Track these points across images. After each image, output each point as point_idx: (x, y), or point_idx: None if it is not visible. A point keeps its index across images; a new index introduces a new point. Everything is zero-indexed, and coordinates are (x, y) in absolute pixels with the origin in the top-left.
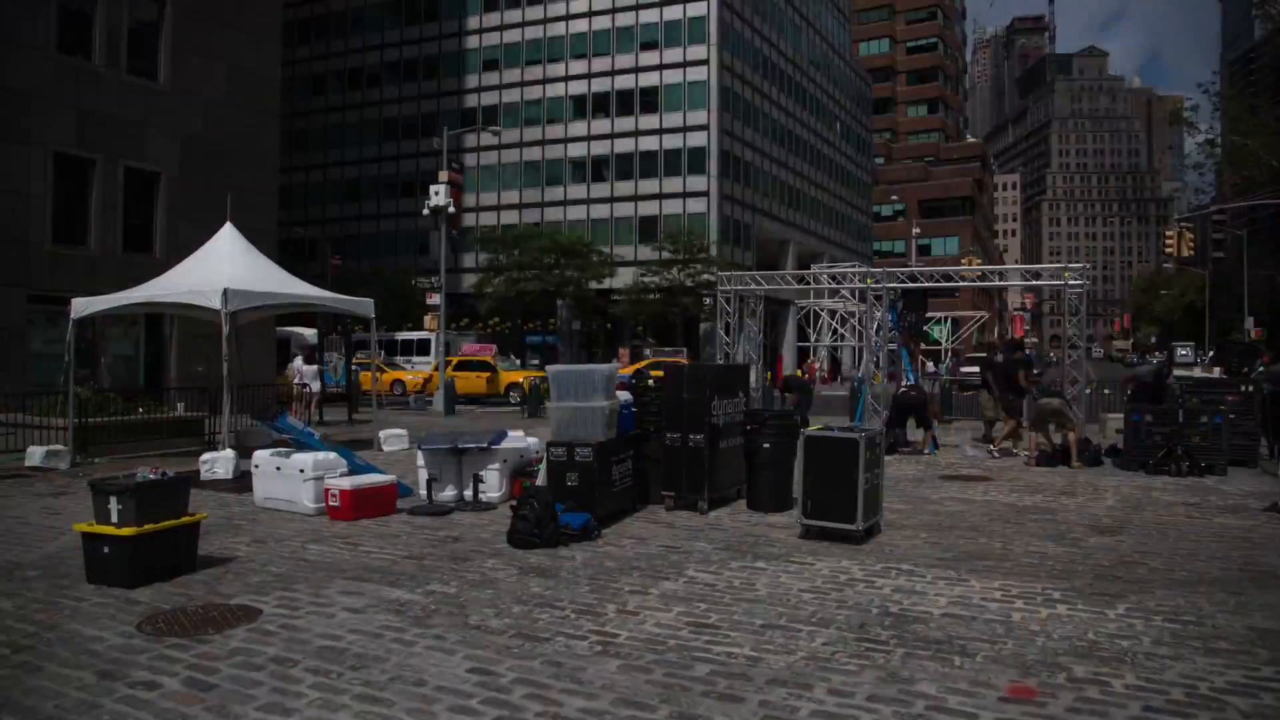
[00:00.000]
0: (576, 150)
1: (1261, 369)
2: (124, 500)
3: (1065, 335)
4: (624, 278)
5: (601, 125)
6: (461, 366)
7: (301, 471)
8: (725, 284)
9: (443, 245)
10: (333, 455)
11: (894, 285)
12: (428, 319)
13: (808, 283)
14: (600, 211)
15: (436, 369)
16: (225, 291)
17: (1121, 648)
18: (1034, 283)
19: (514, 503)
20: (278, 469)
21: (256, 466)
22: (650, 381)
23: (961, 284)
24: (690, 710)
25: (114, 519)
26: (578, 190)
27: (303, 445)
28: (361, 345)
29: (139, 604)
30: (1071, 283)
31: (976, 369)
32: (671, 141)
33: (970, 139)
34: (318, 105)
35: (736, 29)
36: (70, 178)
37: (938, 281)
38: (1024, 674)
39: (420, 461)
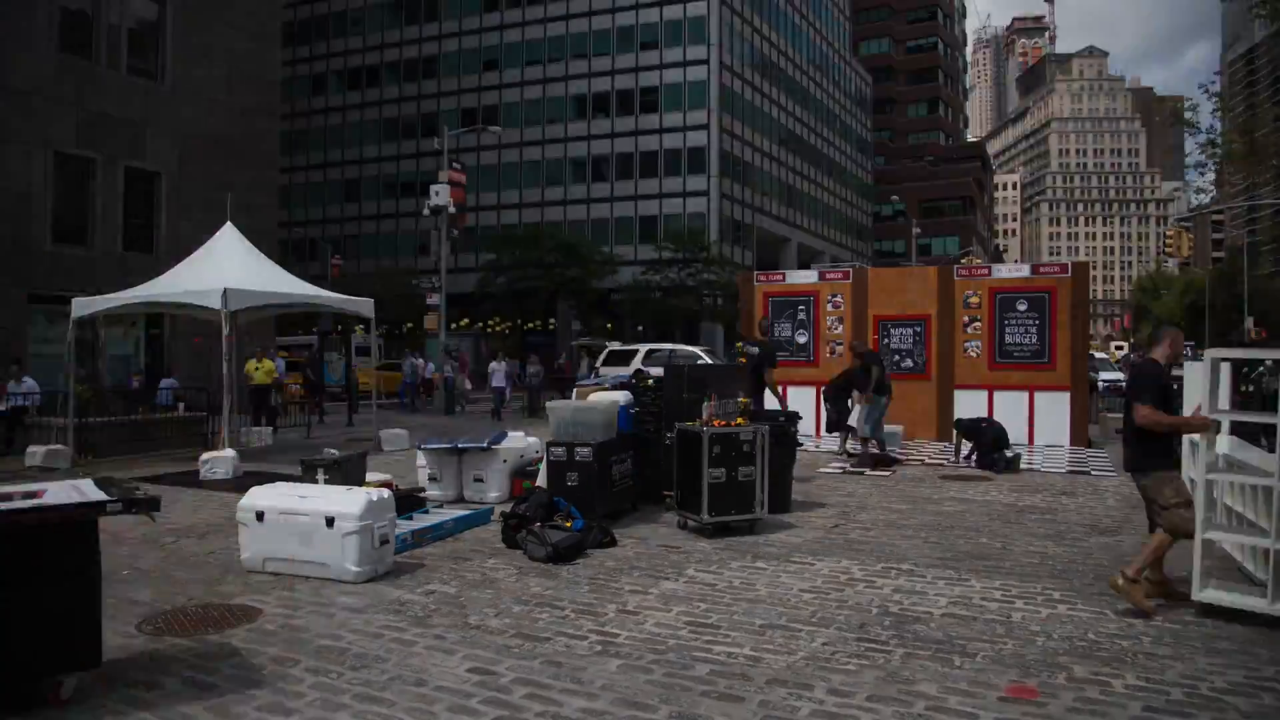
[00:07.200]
0: (576, 150)
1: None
2: (329, 471)
3: None
4: (625, 277)
5: (601, 125)
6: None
7: None
8: None
9: (443, 245)
10: None
11: None
12: (428, 319)
13: None
14: (600, 211)
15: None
16: (225, 291)
17: (1121, 648)
18: None
19: (508, 506)
20: None
21: None
22: (650, 381)
23: None
24: (690, 710)
25: None
26: (578, 190)
27: None
28: (362, 350)
29: (139, 604)
30: None
31: None
32: (671, 141)
33: (970, 139)
34: (318, 105)
35: (736, 29)
36: (70, 178)
37: None
38: (1024, 674)
39: (420, 461)
